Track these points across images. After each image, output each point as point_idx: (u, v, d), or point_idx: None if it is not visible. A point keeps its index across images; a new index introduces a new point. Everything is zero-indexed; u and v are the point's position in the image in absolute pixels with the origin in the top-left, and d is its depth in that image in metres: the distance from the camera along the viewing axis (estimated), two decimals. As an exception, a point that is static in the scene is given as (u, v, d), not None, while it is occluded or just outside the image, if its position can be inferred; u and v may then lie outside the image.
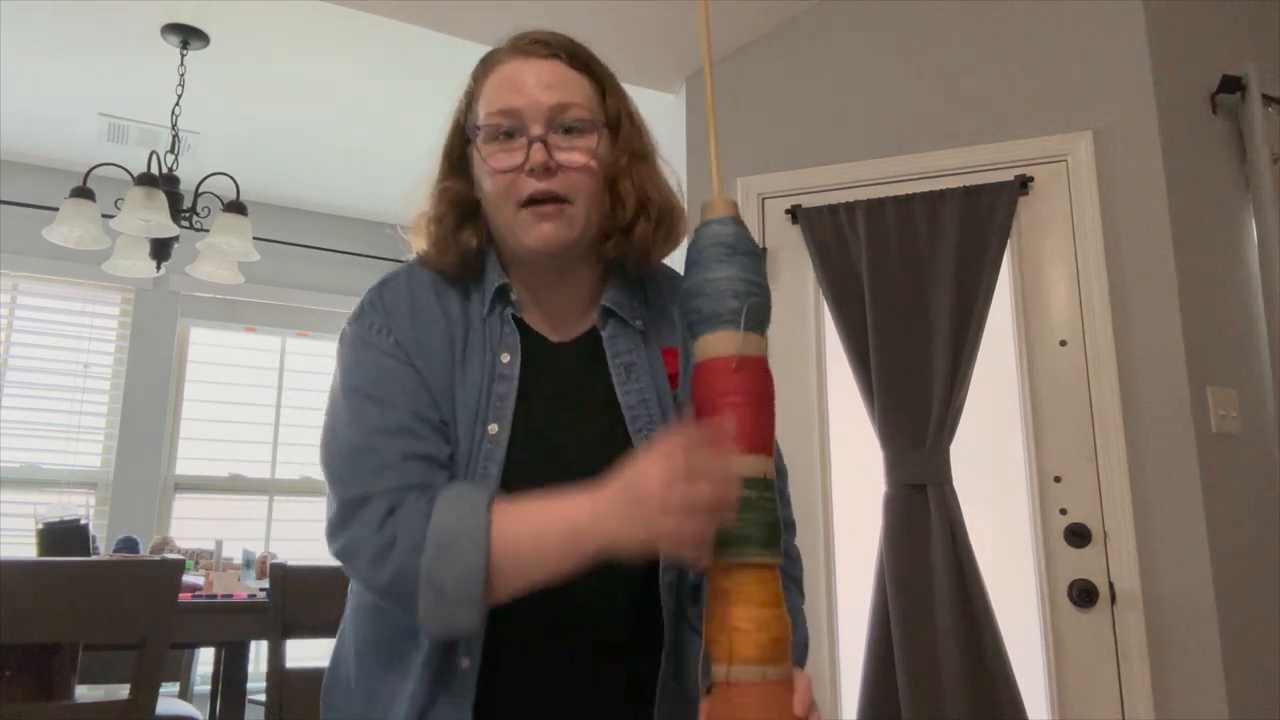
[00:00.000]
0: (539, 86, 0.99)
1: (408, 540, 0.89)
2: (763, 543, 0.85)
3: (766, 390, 0.89)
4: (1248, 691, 2.16)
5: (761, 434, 0.88)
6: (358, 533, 0.92)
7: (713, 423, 0.87)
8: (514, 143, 0.99)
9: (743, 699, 0.82)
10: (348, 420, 0.97)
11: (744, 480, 0.85)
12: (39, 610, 1.79)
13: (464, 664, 0.95)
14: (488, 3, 2.70)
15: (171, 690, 3.39)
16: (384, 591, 0.91)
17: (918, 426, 2.39)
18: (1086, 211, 2.42)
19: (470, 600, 0.87)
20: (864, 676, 2.32)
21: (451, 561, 0.87)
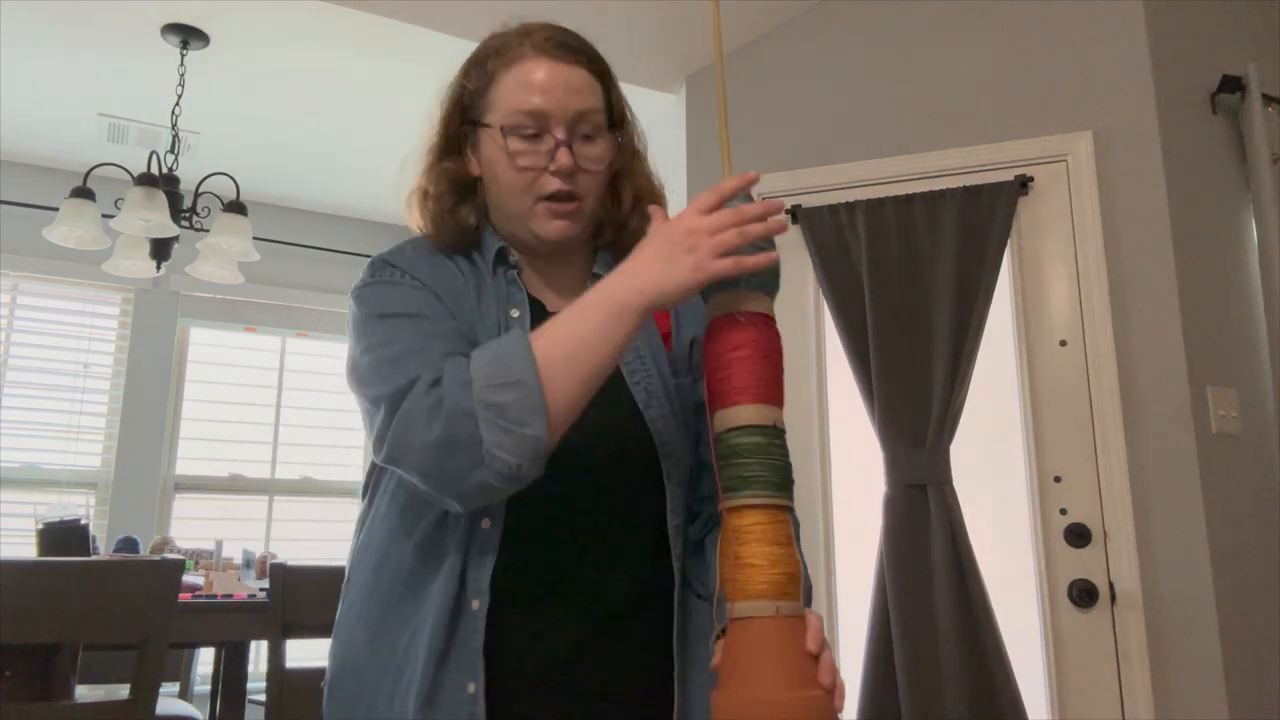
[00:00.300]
0: (567, 92, 1.03)
1: (455, 383, 0.89)
2: (775, 485, 0.88)
3: (773, 344, 0.92)
4: (1248, 691, 2.16)
5: (769, 384, 0.90)
6: (407, 406, 0.91)
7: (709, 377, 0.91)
8: (539, 143, 1.03)
9: (759, 631, 0.84)
10: (385, 338, 0.98)
11: (754, 428, 0.88)
12: (39, 610, 1.79)
13: (474, 605, 0.97)
14: (488, 2, 2.70)
15: (171, 690, 3.39)
16: (441, 444, 0.88)
17: (918, 426, 2.39)
18: (1086, 211, 2.42)
19: (534, 407, 0.87)
20: (864, 676, 2.32)
21: (503, 375, 0.88)
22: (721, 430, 0.90)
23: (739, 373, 0.90)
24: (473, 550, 0.97)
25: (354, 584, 1.07)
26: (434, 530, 1.00)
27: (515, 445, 0.87)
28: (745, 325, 0.90)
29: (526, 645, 0.99)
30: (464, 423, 0.87)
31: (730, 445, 0.89)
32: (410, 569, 1.00)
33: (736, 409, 0.89)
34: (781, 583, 0.86)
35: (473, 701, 0.95)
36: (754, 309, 0.91)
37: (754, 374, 0.90)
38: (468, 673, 0.95)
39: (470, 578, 0.97)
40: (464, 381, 0.89)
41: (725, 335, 0.91)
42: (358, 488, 4.57)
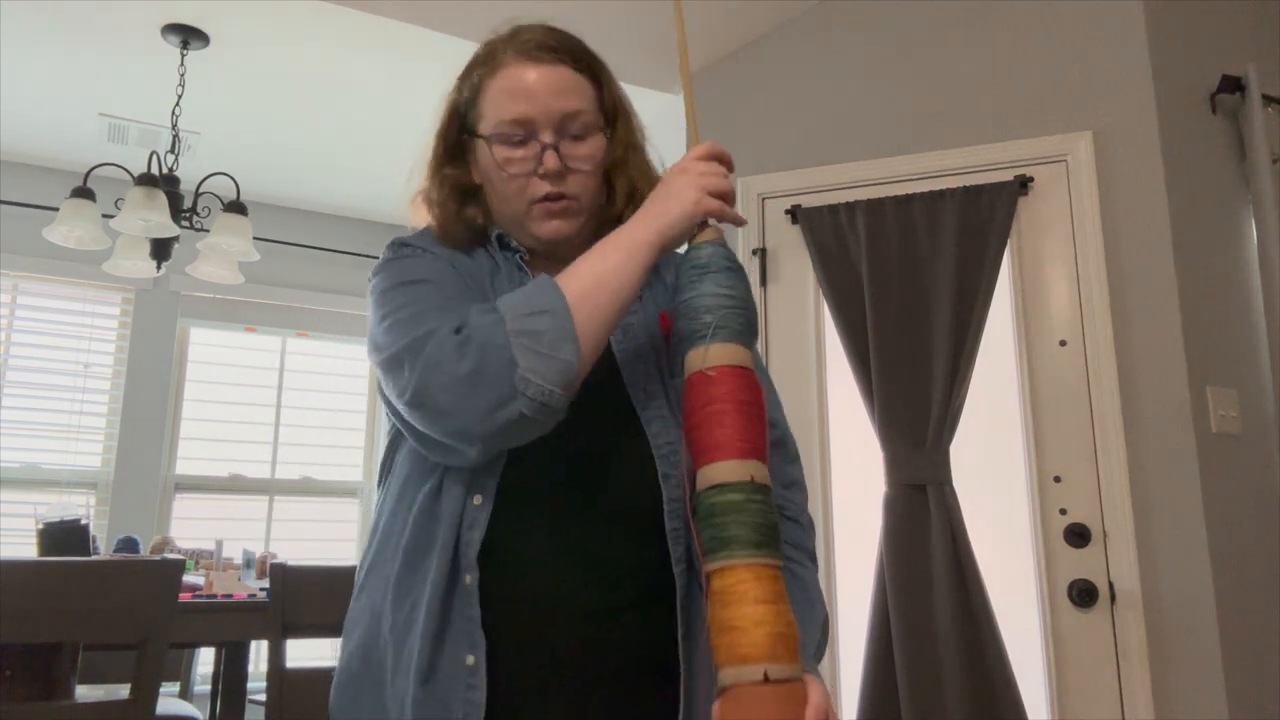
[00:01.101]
0: (549, 94, 1.05)
1: (483, 321, 0.92)
2: (753, 544, 0.84)
3: (745, 396, 0.90)
4: (1248, 691, 2.16)
5: (744, 438, 0.88)
6: (432, 349, 0.92)
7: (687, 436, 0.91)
8: (526, 148, 1.05)
9: (746, 700, 0.79)
10: (405, 301, 1.00)
11: (730, 485, 0.86)
12: (39, 610, 1.79)
13: (467, 580, 0.97)
14: (488, 2, 2.70)
15: (171, 690, 3.39)
16: (472, 377, 0.90)
17: (918, 426, 2.39)
18: (1086, 211, 2.42)
19: (567, 333, 0.91)
20: (864, 676, 2.32)
21: (533, 305, 0.92)
22: (700, 491, 0.88)
23: (712, 429, 0.88)
24: (464, 525, 0.98)
25: (365, 565, 1.09)
26: (430, 503, 1.00)
27: (550, 370, 0.90)
28: (716, 379, 0.90)
29: (526, 621, 0.99)
30: (497, 354, 0.90)
31: (707, 505, 0.87)
32: (409, 543, 1.01)
33: (712, 467, 0.88)
34: (766, 644, 0.80)
35: (472, 673, 0.95)
36: (725, 361, 0.90)
37: (727, 428, 0.88)
38: (465, 645, 0.96)
39: (463, 553, 0.98)
40: (493, 320, 0.92)
41: (697, 391, 0.90)
42: (358, 488, 4.58)
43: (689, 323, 0.93)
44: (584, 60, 1.09)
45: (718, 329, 0.91)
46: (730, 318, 0.92)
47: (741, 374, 0.91)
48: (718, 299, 0.93)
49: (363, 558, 1.10)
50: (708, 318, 0.92)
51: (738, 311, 0.94)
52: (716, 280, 0.94)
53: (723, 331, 0.92)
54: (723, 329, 0.92)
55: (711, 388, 0.89)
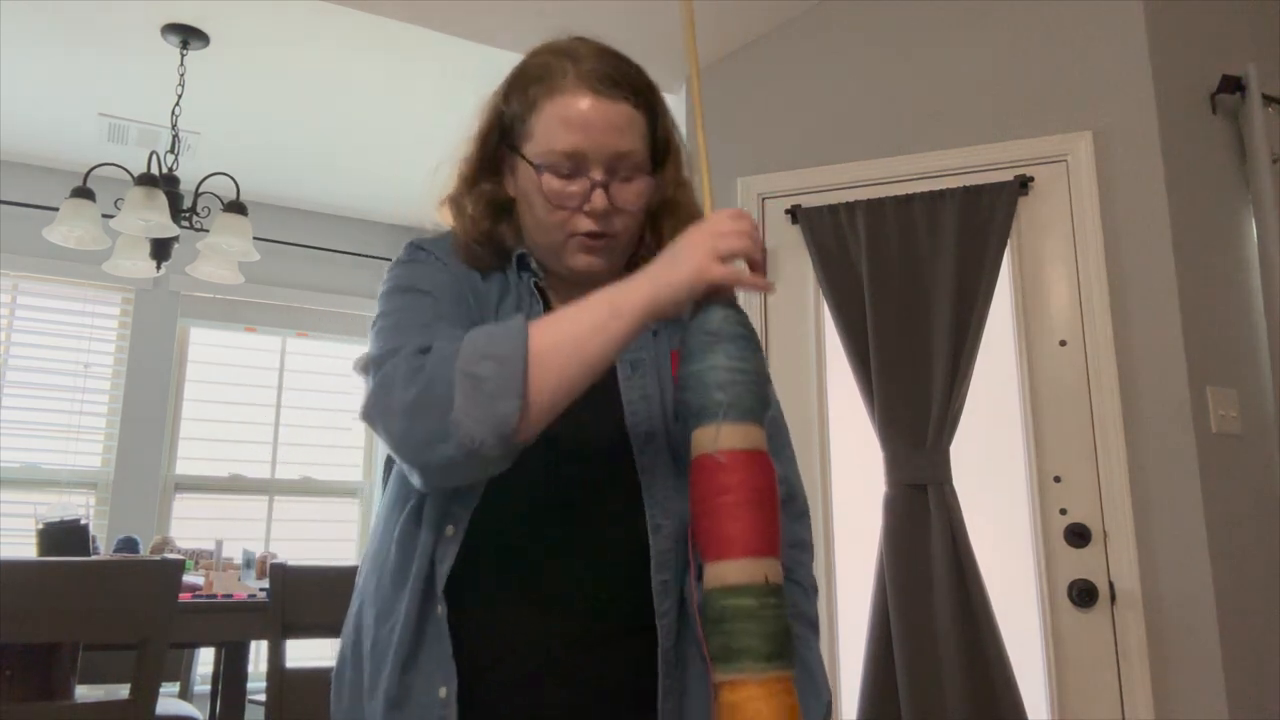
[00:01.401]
0: (606, 130, 0.99)
1: (442, 352, 0.88)
2: (765, 656, 0.79)
3: (759, 483, 0.84)
4: (1248, 691, 2.16)
5: (758, 534, 0.82)
6: (389, 368, 0.90)
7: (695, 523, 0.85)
8: (575, 182, 1.00)
9: None
10: (396, 307, 0.98)
11: (744, 588, 0.81)
12: (39, 610, 1.79)
13: (438, 611, 0.96)
14: (489, 2, 2.70)
15: (171, 690, 3.39)
16: (413, 406, 0.87)
17: (918, 426, 2.39)
18: (1086, 211, 2.42)
19: (511, 385, 0.85)
20: (864, 676, 2.32)
21: (489, 350, 0.87)
22: (709, 589, 0.82)
23: (724, 522, 0.82)
24: (436, 556, 0.97)
25: (362, 568, 1.09)
26: (410, 527, 1.00)
27: (482, 417, 0.85)
28: (728, 466, 0.83)
29: (499, 653, 0.98)
30: (440, 387, 0.86)
31: (718, 608, 0.81)
32: (393, 566, 1.01)
33: (723, 564, 0.82)
34: None
35: (444, 705, 0.94)
36: (737, 445, 0.84)
37: (740, 522, 0.82)
38: (439, 677, 0.95)
39: (435, 584, 0.97)
40: (451, 352, 0.88)
41: (708, 477, 0.84)
42: (358, 488, 4.58)
43: (697, 397, 0.86)
44: (643, 94, 1.05)
45: (729, 408, 0.85)
46: (743, 395, 0.86)
47: (755, 459, 0.85)
48: (730, 374, 0.86)
49: (363, 557, 1.11)
50: (719, 395, 0.85)
51: (750, 387, 0.87)
52: (728, 351, 0.87)
53: (734, 411, 0.85)
54: (734, 408, 0.85)
55: (723, 475, 0.83)
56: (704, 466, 0.84)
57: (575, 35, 1.07)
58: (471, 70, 3.20)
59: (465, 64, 3.15)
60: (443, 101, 3.47)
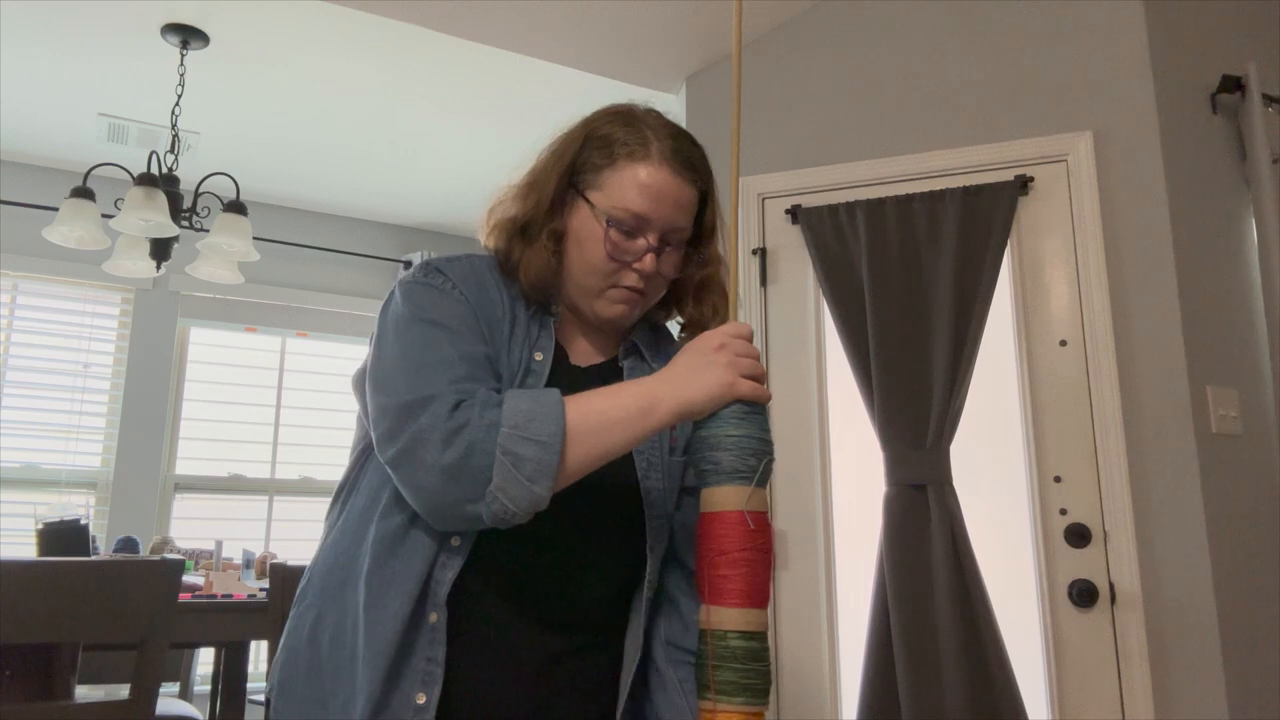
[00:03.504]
0: (674, 207, 1.10)
1: (483, 420, 0.93)
2: (761, 692, 0.92)
3: (771, 546, 0.97)
4: (1248, 691, 2.16)
5: (764, 589, 0.95)
6: (426, 422, 0.94)
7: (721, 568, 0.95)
8: (633, 240, 1.09)
9: None
10: (417, 342, 1.01)
11: (754, 634, 0.93)
12: (39, 610, 1.79)
13: (432, 618, 0.99)
14: (489, 3, 2.70)
15: (171, 690, 3.39)
16: (452, 471, 0.92)
17: (918, 427, 2.39)
18: (1086, 211, 2.42)
19: (549, 469, 0.92)
20: (864, 676, 2.32)
21: (530, 432, 0.93)
22: (721, 629, 0.93)
23: (747, 576, 0.93)
24: (437, 564, 0.99)
25: (313, 585, 1.08)
26: (395, 535, 1.01)
27: (519, 496, 0.92)
28: (758, 527, 0.95)
29: (484, 666, 1.00)
30: (481, 459, 0.91)
31: (730, 648, 0.92)
32: (369, 573, 1.00)
33: (738, 612, 0.93)
34: None
35: (420, 711, 0.96)
36: (763, 509, 0.96)
37: (759, 579, 0.94)
38: (418, 683, 0.96)
39: (432, 591, 0.99)
40: (492, 422, 0.93)
41: (735, 533, 0.94)
42: (358, 488, 4.57)
43: (732, 459, 0.96)
44: (706, 181, 1.15)
45: (760, 475, 0.96)
46: (768, 467, 0.97)
47: (769, 525, 0.97)
48: (765, 444, 0.97)
49: (308, 573, 1.10)
50: (754, 461, 0.96)
51: (772, 460, 0.98)
52: (762, 425, 0.99)
53: (762, 478, 0.96)
54: (763, 476, 0.96)
55: (752, 534, 0.94)
56: (733, 522, 0.95)
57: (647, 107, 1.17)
58: (471, 70, 3.20)
59: (465, 64, 3.15)
60: (442, 102, 3.48)
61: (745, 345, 1.00)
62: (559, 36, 2.89)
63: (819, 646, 2.48)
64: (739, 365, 0.99)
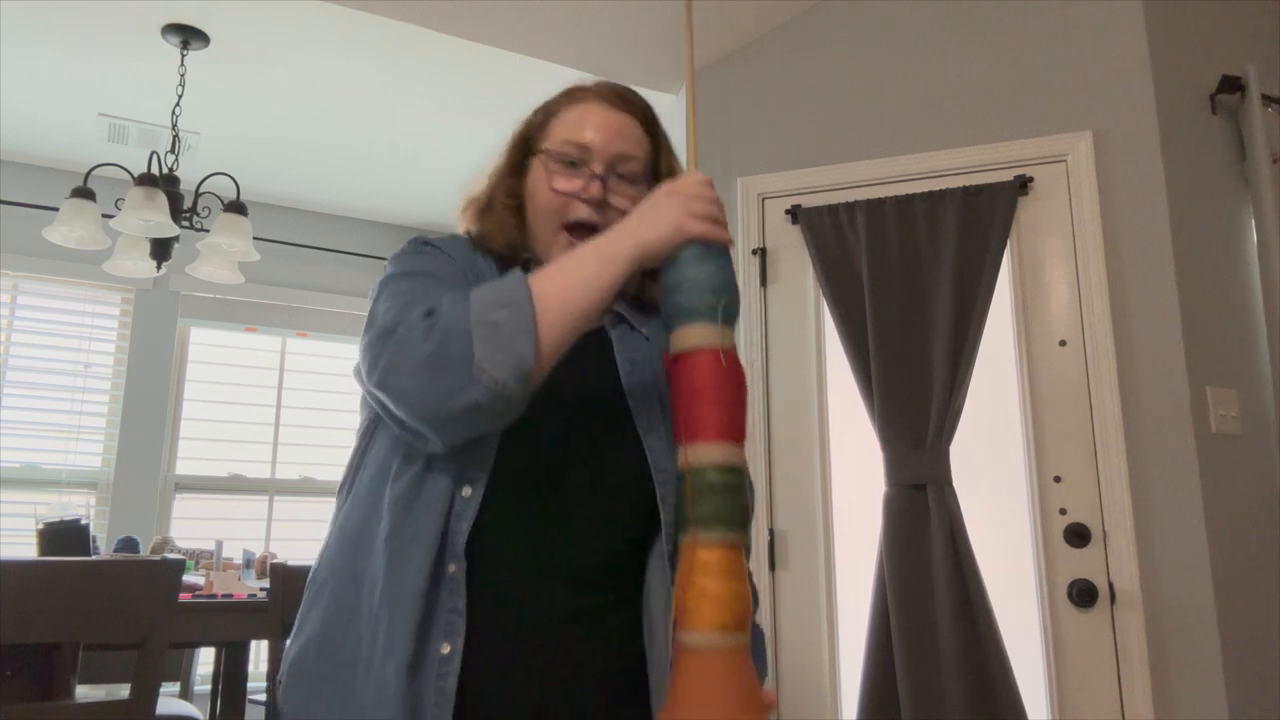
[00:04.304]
0: (612, 132, 1.13)
1: (453, 308, 0.95)
2: (739, 524, 0.92)
3: (744, 381, 0.96)
4: (1248, 691, 2.16)
5: (741, 425, 0.94)
6: (402, 332, 0.96)
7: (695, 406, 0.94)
8: (576, 172, 1.12)
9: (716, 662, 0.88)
10: (404, 288, 1.04)
11: (731, 468, 0.92)
12: (39, 610, 1.79)
13: (451, 569, 0.99)
14: (489, 2, 2.70)
15: (171, 690, 3.40)
16: (434, 360, 0.93)
17: (918, 427, 2.39)
18: (1086, 211, 2.42)
19: (525, 326, 0.93)
20: (864, 676, 2.32)
21: (499, 299, 0.95)
22: (698, 465, 0.92)
23: (721, 412, 0.93)
24: (453, 514, 1.00)
25: (324, 566, 1.08)
26: (409, 493, 1.02)
27: (505, 361, 0.92)
28: (729, 363, 0.94)
29: (504, 617, 1.01)
30: (458, 340, 0.93)
31: (707, 482, 0.92)
32: (389, 533, 1.01)
33: (715, 446, 0.92)
34: (740, 617, 0.89)
35: (446, 661, 0.97)
36: (732, 345, 0.95)
37: (734, 415, 0.93)
38: (442, 634, 0.98)
39: (450, 543, 1.00)
40: (461, 308, 0.95)
41: (708, 371, 0.94)
42: (358, 488, 4.57)
43: (691, 297, 0.95)
44: (652, 123, 1.18)
45: (725, 310, 0.95)
46: (733, 304, 0.97)
47: (738, 361, 0.97)
48: (723, 280, 0.96)
49: (318, 560, 1.10)
50: (712, 299, 0.95)
51: (737, 297, 0.98)
52: (722, 264, 0.98)
53: (728, 313, 0.96)
54: (728, 311, 0.96)
55: (723, 372, 0.93)
56: (703, 361, 0.94)
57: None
58: (471, 70, 3.20)
59: (464, 64, 3.15)
60: (442, 102, 3.47)
61: (700, 189, 1.00)
62: (559, 36, 2.89)
63: (819, 646, 2.48)
64: (692, 206, 0.98)
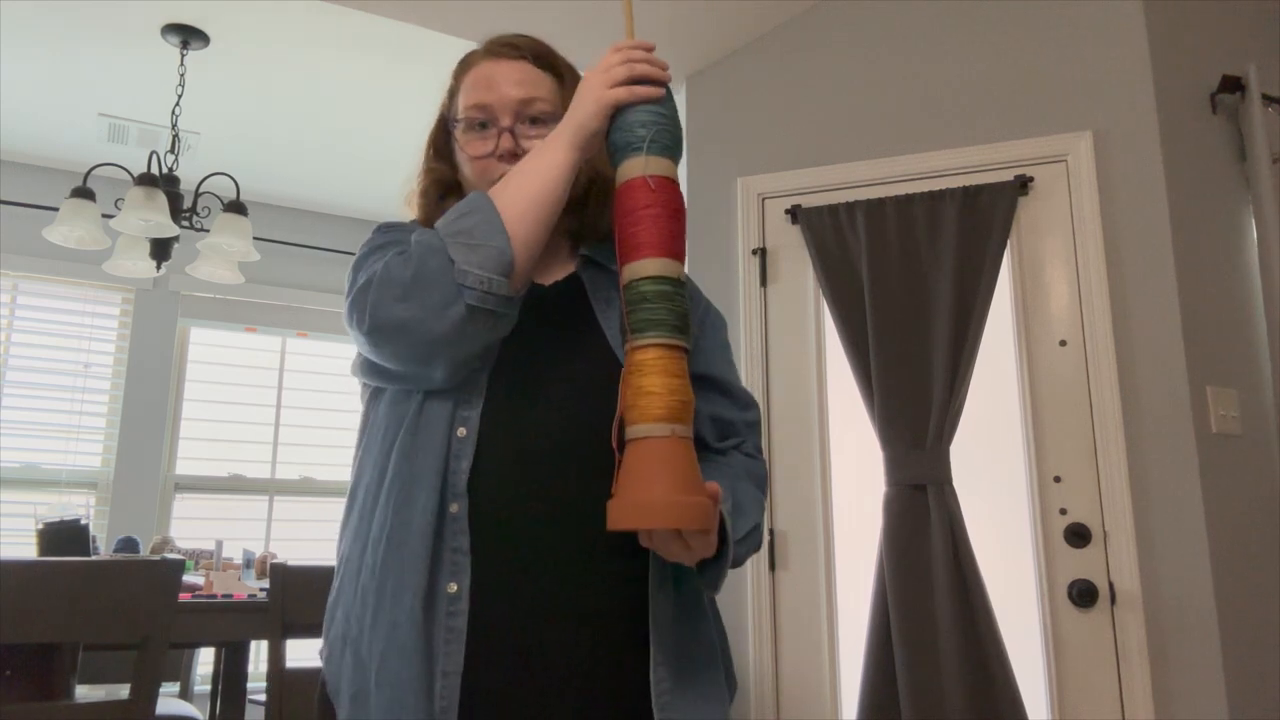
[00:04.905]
0: (507, 84, 1.15)
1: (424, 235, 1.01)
2: (674, 328, 0.97)
3: (680, 204, 1.01)
4: (1248, 691, 2.16)
5: (676, 240, 1.01)
6: (382, 271, 1.00)
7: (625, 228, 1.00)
8: (487, 132, 1.15)
9: (655, 447, 0.93)
10: (375, 256, 1.09)
11: (663, 278, 0.98)
12: (39, 610, 1.79)
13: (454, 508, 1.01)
14: (488, 2, 2.70)
15: (171, 690, 3.40)
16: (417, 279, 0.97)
17: (918, 427, 2.39)
18: (1086, 211, 2.42)
19: (494, 225, 0.99)
20: (864, 676, 2.32)
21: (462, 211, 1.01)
22: (632, 279, 0.98)
23: (650, 229, 0.99)
24: (451, 454, 1.03)
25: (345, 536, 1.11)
26: (407, 441, 1.04)
27: (485, 259, 0.98)
28: (654, 188, 0.99)
29: (508, 552, 1.01)
30: (435, 255, 0.98)
31: (640, 292, 0.98)
32: (392, 479, 1.04)
33: (647, 261, 0.98)
34: (678, 409, 0.95)
35: (454, 600, 0.99)
36: (661, 173, 1.00)
37: (664, 231, 0.99)
38: (449, 573, 1.00)
39: (450, 482, 1.02)
40: (430, 233, 1.01)
41: (637, 195, 1.00)
42: (358, 488, 4.57)
43: (622, 135, 1.02)
44: (544, 58, 1.19)
45: (652, 143, 1.00)
46: (662, 134, 1.01)
47: (674, 186, 1.01)
48: (652, 115, 1.02)
49: (340, 541, 1.13)
50: (642, 131, 1.01)
51: (669, 129, 1.02)
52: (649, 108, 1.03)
53: (656, 145, 1.01)
54: (656, 143, 1.01)
55: (651, 194, 0.99)
56: (634, 187, 1.00)
57: None
58: (471, 70, 3.20)
59: (465, 64, 3.15)
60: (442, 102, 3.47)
61: (615, 56, 1.03)
62: (559, 37, 2.89)
63: (819, 646, 2.48)
64: (611, 75, 1.02)
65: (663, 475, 0.92)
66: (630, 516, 0.91)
